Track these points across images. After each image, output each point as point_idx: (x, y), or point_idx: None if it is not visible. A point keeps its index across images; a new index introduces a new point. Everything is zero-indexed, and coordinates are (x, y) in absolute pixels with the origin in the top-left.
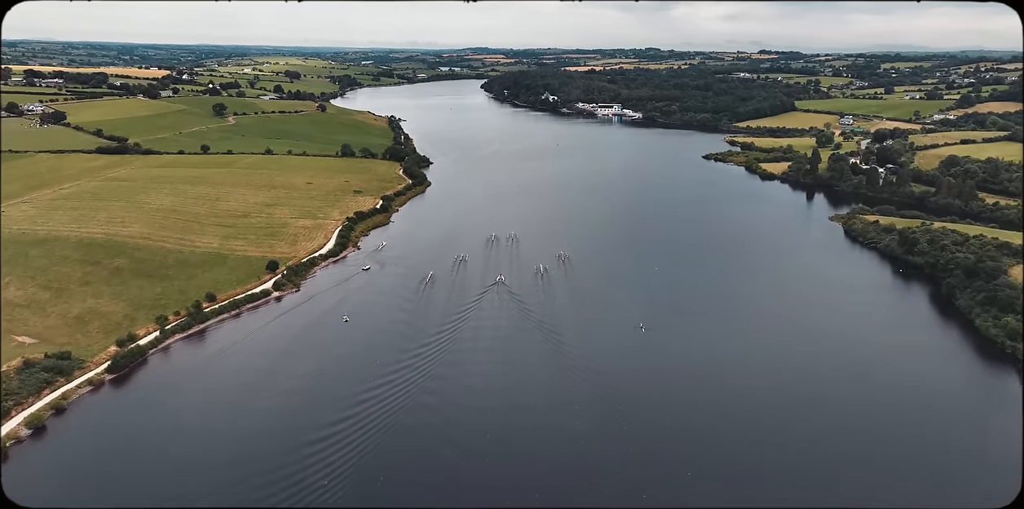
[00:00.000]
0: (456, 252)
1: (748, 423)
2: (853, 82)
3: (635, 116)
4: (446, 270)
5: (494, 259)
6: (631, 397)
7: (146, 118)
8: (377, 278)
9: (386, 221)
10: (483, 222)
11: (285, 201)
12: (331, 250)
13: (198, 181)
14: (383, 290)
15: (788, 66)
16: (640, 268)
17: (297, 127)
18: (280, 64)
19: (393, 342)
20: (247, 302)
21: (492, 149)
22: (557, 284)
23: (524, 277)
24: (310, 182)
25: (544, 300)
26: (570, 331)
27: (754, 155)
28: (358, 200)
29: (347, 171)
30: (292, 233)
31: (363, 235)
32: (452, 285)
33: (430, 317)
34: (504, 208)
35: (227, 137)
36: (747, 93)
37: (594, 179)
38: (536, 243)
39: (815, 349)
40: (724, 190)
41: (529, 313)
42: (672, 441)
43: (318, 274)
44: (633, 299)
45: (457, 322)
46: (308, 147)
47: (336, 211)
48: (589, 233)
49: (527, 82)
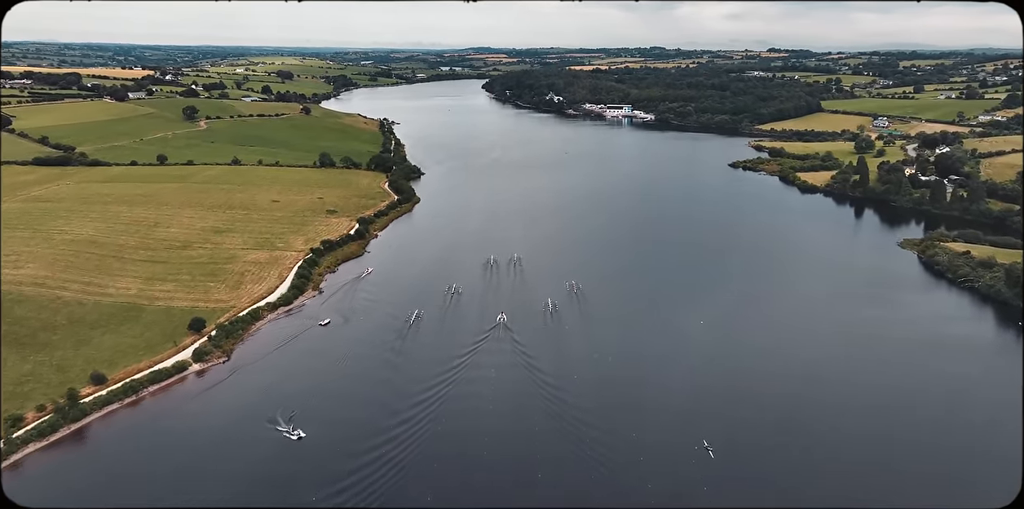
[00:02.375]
0: (448, 281)
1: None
2: (876, 81)
3: (647, 118)
4: (435, 306)
5: (494, 289)
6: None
7: (105, 123)
8: (340, 333)
9: (359, 251)
10: (480, 243)
11: (240, 226)
12: (283, 296)
13: (140, 200)
14: (346, 349)
15: (803, 64)
16: (673, 310)
17: (275, 132)
18: (276, 64)
19: (349, 443)
20: (152, 382)
21: (492, 157)
22: (570, 328)
23: (529, 317)
24: (276, 200)
25: (556, 355)
26: (599, 420)
27: (789, 163)
28: (330, 223)
29: (323, 185)
30: (238, 271)
31: (330, 270)
32: (441, 329)
33: (406, 391)
34: (505, 229)
35: (193, 144)
36: (766, 92)
37: (608, 194)
38: (542, 267)
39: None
40: (761, 206)
41: (541, 381)
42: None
43: (262, 332)
44: (675, 370)
45: (436, 402)
46: (283, 156)
47: (300, 239)
48: (604, 258)
49: (530, 82)
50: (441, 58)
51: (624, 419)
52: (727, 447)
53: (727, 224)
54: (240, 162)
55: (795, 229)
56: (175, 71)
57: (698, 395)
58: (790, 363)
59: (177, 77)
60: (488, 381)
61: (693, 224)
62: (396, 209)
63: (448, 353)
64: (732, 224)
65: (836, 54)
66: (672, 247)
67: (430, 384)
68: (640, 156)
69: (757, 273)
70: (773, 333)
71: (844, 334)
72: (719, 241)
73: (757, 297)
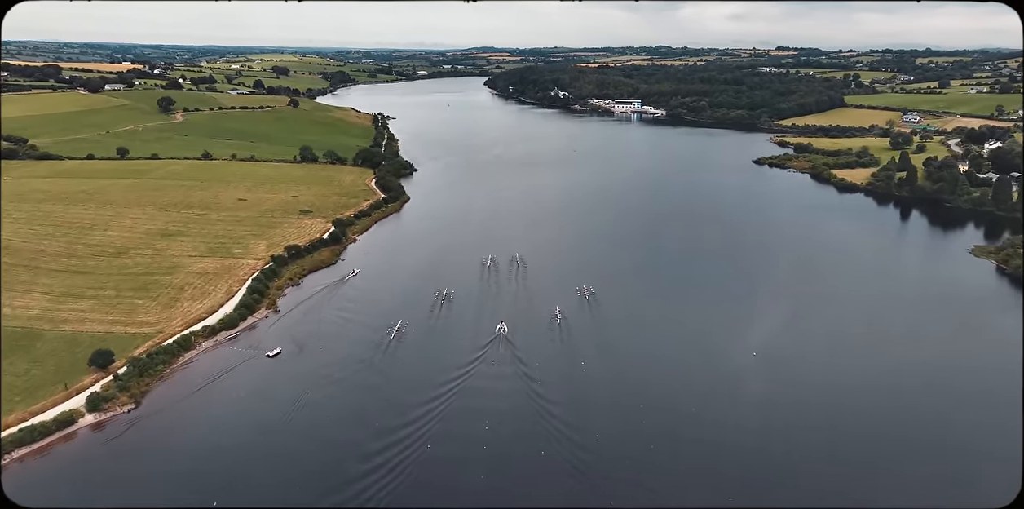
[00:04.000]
0: (438, 286)
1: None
2: (896, 76)
3: (657, 113)
4: (422, 316)
5: (493, 294)
6: None
7: (71, 115)
8: (293, 367)
9: (332, 259)
10: (477, 244)
11: (194, 228)
12: (227, 317)
13: (81, 198)
14: (298, 389)
15: (816, 60)
16: (712, 331)
17: (257, 125)
18: (274, 61)
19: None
20: (19, 444)
21: (494, 153)
22: (582, 343)
23: (534, 327)
24: (243, 198)
25: (567, 377)
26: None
27: (820, 160)
28: (302, 225)
29: (301, 182)
30: (177, 284)
31: (292, 283)
32: (427, 346)
33: (366, 452)
34: (505, 229)
35: (164, 137)
36: (784, 87)
37: (620, 193)
38: (548, 269)
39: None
40: (798, 206)
41: (547, 411)
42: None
43: (191, 366)
44: (728, 419)
45: (407, 466)
46: (262, 150)
47: (263, 244)
48: (619, 263)
49: (534, 77)
50: (444, 56)
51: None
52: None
53: (765, 227)
54: (211, 156)
55: (842, 232)
56: (165, 66)
57: (782, 464)
58: (882, 418)
59: (166, 72)
60: (478, 442)
61: (724, 228)
62: (381, 209)
63: (432, 381)
64: (770, 226)
65: (847, 52)
66: (701, 254)
67: (399, 443)
68: (654, 153)
69: (810, 287)
70: (850, 374)
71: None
72: (757, 249)
73: (815, 316)
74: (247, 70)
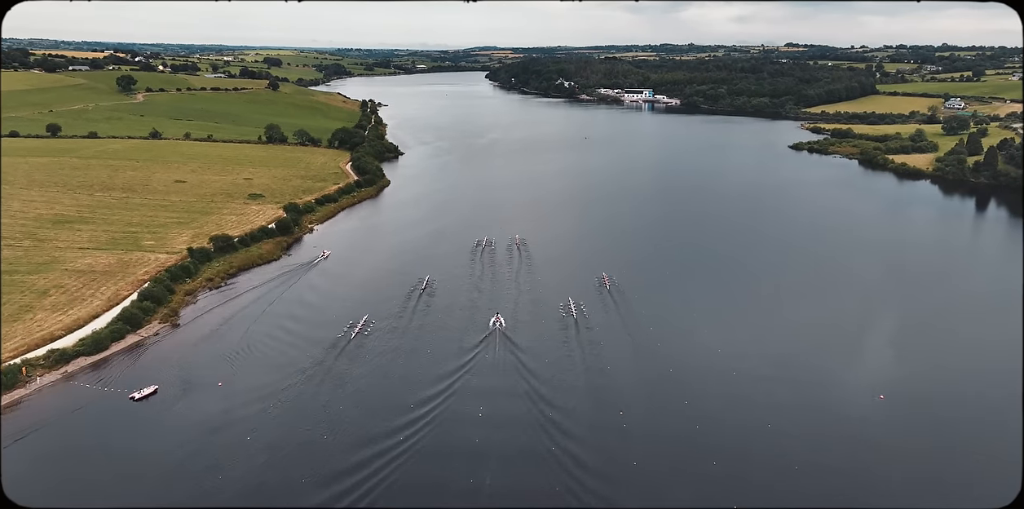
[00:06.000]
0: (419, 274)
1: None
2: (924, 66)
3: (671, 102)
4: (393, 310)
5: (487, 282)
6: None
7: (16, 93)
8: (164, 417)
9: (275, 253)
10: (467, 228)
11: (103, 214)
12: (96, 334)
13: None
14: (180, 450)
15: (834, 53)
16: (795, 342)
17: (227, 106)
18: (270, 55)
19: None
20: None
21: (491, 137)
22: (609, 346)
23: (540, 323)
24: (182, 180)
25: (594, 391)
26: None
27: (869, 145)
28: (246, 212)
29: (260, 163)
30: (41, 287)
31: (212, 286)
32: (395, 350)
33: None
34: (503, 212)
35: (116, 117)
36: (808, 75)
37: (641, 179)
38: (558, 254)
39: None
40: (862, 197)
41: (572, 459)
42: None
43: (14, 413)
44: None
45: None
46: (226, 131)
47: (187, 234)
48: (653, 253)
49: (537, 68)
50: (445, 54)
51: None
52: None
53: (829, 217)
54: (161, 136)
55: (927, 227)
56: (150, 56)
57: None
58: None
59: (148, 61)
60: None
61: (774, 219)
62: (353, 194)
63: (394, 412)
64: (834, 215)
65: (859, 48)
66: (758, 246)
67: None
68: (679, 139)
69: (914, 298)
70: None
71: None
72: (823, 245)
73: (937, 337)
74: (238, 62)
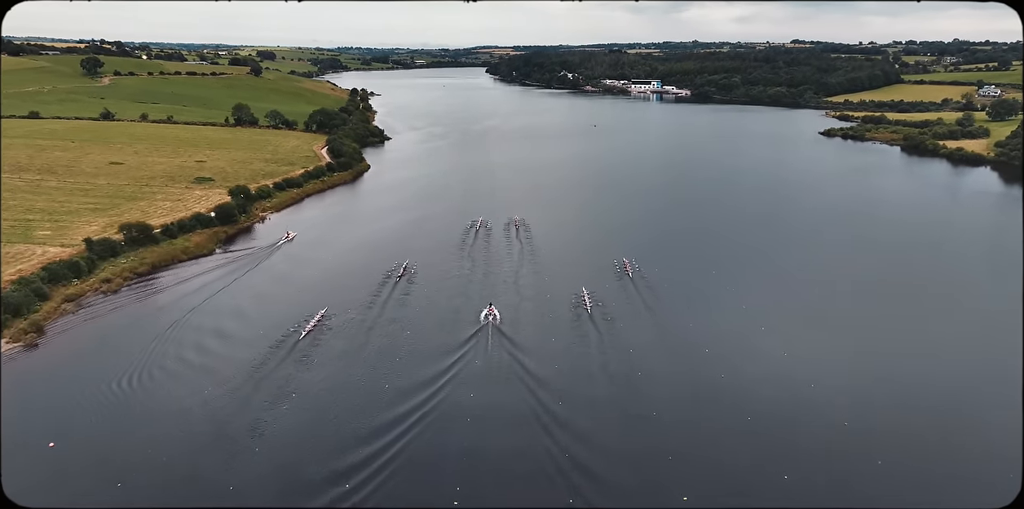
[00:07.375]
0: (397, 260)
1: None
2: (943, 58)
3: (681, 93)
4: (360, 302)
5: (480, 267)
6: None
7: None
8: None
9: (208, 246)
10: (455, 215)
11: (4, 199)
12: None
13: None
14: None
15: (845, 46)
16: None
17: (201, 91)
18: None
19: None
20: None
21: (488, 124)
22: (641, 350)
23: (546, 318)
24: (119, 162)
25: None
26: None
27: (913, 130)
28: (186, 197)
29: (220, 146)
30: None
31: (108, 290)
32: (356, 356)
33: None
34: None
35: (72, 99)
36: (827, 64)
37: (667, 164)
38: (566, 237)
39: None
40: (914, 184)
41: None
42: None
43: None
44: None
45: None
46: (192, 114)
47: (100, 222)
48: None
49: (539, 61)
50: (446, 52)
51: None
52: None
53: (907, 209)
54: (113, 117)
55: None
56: (136, 48)
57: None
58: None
59: (134, 51)
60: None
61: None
62: (322, 179)
63: (351, 434)
64: (908, 204)
65: (868, 44)
66: (818, 242)
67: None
68: (697, 128)
69: None
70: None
71: None
72: (909, 241)
73: None
74: (231, 56)
